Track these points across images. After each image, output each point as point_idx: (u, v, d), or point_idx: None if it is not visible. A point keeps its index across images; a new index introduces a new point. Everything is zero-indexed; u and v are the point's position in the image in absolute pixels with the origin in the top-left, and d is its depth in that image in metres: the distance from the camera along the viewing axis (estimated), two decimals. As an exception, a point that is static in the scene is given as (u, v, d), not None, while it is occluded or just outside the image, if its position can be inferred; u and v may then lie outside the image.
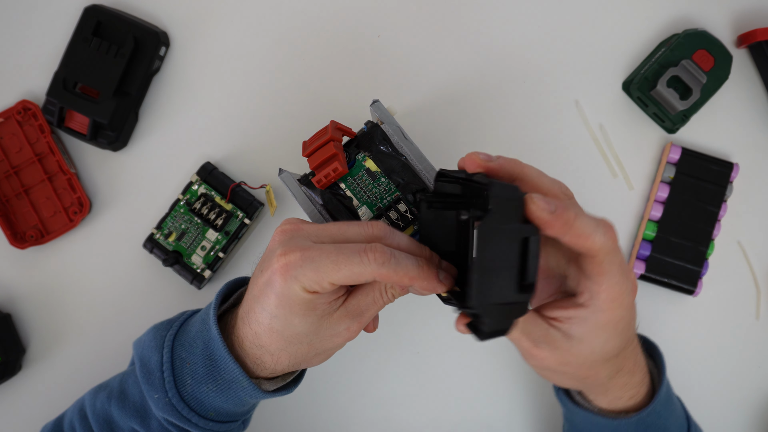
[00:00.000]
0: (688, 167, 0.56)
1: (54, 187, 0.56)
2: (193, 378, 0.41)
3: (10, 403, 0.57)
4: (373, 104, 0.46)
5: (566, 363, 0.38)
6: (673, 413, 0.45)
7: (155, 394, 0.41)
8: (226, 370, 0.40)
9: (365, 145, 0.46)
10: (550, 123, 0.58)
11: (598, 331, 0.37)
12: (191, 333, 0.42)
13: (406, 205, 0.45)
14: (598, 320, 0.36)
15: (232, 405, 0.41)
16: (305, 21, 0.58)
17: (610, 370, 0.40)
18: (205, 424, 0.41)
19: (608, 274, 0.36)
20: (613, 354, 0.38)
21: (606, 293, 0.36)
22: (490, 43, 0.59)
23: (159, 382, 0.41)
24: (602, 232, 0.35)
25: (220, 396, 0.41)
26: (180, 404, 0.41)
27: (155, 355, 0.42)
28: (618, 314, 0.37)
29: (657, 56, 0.56)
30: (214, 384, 0.40)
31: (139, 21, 0.56)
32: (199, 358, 0.41)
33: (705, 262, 0.56)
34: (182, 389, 0.41)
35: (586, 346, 0.37)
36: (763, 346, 0.58)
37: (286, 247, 0.37)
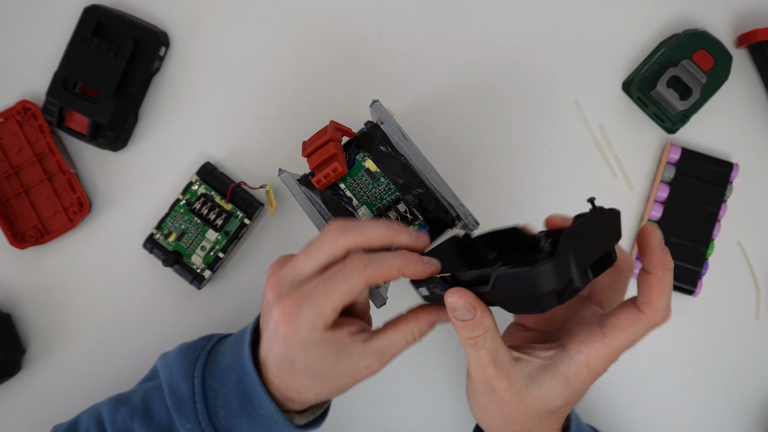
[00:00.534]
0: (688, 167, 0.56)
1: (54, 187, 0.56)
2: (227, 411, 0.41)
3: (10, 403, 0.57)
4: (373, 104, 0.46)
5: (511, 401, 0.38)
6: None
7: (188, 423, 0.41)
8: (262, 407, 0.40)
9: (365, 145, 0.46)
10: (550, 123, 0.58)
11: (559, 378, 0.37)
12: (222, 364, 0.42)
13: (406, 205, 0.45)
14: (566, 368, 0.37)
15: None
16: (305, 21, 0.58)
17: (535, 426, 0.39)
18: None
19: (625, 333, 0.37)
20: (554, 410, 0.38)
21: (602, 346, 0.37)
22: (490, 43, 0.59)
23: (191, 413, 0.41)
24: (668, 305, 0.36)
25: (253, 429, 0.41)
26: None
27: (185, 384, 0.42)
28: (583, 373, 0.37)
29: (657, 56, 0.56)
30: (249, 418, 0.41)
31: (139, 21, 0.56)
32: (233, 391, 0.41)
33: (705, 262, 0.56)
34: (215, 420, 0.41)
35: (539, 392, 0.37)
36: (763, 346, 0.58)
37: (279, 299, 0.38)
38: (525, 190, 0.58)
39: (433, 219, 0.45)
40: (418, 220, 0.45)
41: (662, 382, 0.57)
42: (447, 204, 0.45)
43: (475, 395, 0.40)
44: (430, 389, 0.57)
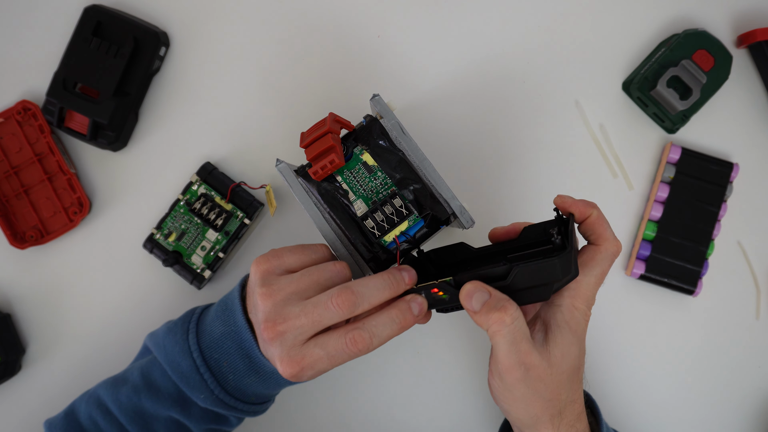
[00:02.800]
0: (688, 167, 0.56)
1: (54, 187, 0.56)
2: (235, 374, 0.45)
3: (10, 403, 0.57)
4: (373, 98, 0.46)
5: (545, 374, 0.40)
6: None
7: (201, 394, 0.45)
8: (265, 366, 0.44)
9: (363, 138, 0.46)
10: (550, 123, 0.58)
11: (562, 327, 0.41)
12: (215, 334, 0.45)
13: (402, 200, 0.45)
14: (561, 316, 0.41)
15: (272, 389, 0.47)
16: (305, 21, 0.58)
17: (568, 393, 0.42)
18: (248, 408, 0.47)
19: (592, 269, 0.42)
20: (576, 366, 0.42)
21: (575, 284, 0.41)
22: (490, 43, 0.59)
23: (201, 384, 0.45)
24: (615, 235, 0.43)
25: (263, 385, 0.46)
26: (227, 398, 0.45)
27: (185, 360, 0.45)
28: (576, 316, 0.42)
29: (657, 56, 0.56)
30: (257, 376, 0.45)
31: (139, 21, 0.56)
32: (235, 357, 0.45)
33: (705, 262, 0.56)
34: (226, 385, 0.45)
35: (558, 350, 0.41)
36: (763, 346, 0.58)
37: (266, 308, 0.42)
38: (525, 190, 0.58)
39: (429, 216, 0.45)
40: (413, 215, 0.45)
41: (662, 382, 0.57)
42: (443, 201, 0.45)
43: (510, 389, 0.41)
44: (430, 389, 0.57)
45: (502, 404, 0.43)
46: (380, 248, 0.45)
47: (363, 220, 0.45)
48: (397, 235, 0.45)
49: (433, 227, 0.46)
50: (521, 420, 0.43)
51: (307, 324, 0.41)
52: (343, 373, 0.57)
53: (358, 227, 0.45)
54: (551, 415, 0.42)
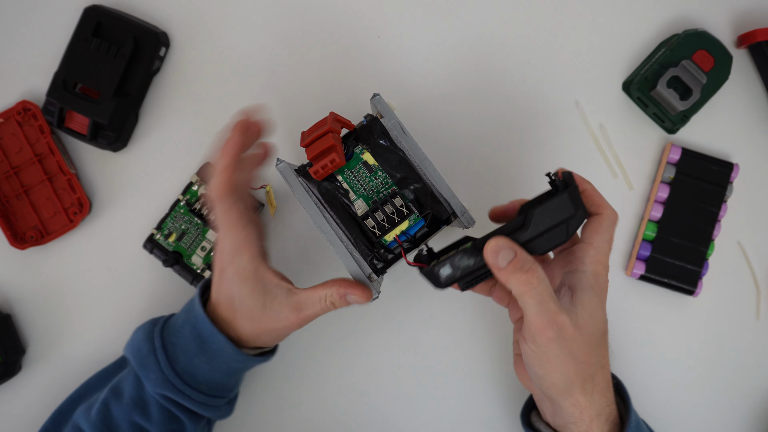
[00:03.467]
0: (688, 167, 0.56)
1: (54, 188, 0.56)
2: (185, 355, 0.47)
3: (10, 403, 0.57)
4: (374, 98, 0.46)
5: (575, 334, 0.41)
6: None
7: (152, 374, 0.46)
8: (214, 341, 0.46)
9: (364, 138, 0.46)
10: (550, 123, 0.58)
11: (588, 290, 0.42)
12: (177, 323, 0.48)
13: (402, 199, 0.45)
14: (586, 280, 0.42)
15: (220, 374, 0.47)
16: (305, 21, 0.58)
17: (599, 358, 0.43)
18: (197, 396, 0.47)
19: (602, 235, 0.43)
20: (602, 331, 0.43)
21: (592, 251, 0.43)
22: (491, 43, 0.59)
23: (154, 364, 0.46)
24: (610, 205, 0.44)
25: (210, 365, 0.47)
26: (175, 378, 0.46)
27: (146, 345, 0.47)
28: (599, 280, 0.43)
29: (657, 56, 0.56)
30: (205, 356, 0.46)
31: (139, 21, 0.56)
32: (188, 338, 0.47)
33: (705, 263, 0.56)
34: (176, 366, 0.47)
35: (586, 312, 0.41)
36: (763, 346, 0.58)
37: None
38: (525, 190, 0.58)
39: (429, 215, 0.45)
40: (414, 215, 0.45)
41: (662, 382, 0.57)
42: (444, 200, 0.45)
43: (544, 351, 0.41)
44: (430, 389, 0.57)
45: (535, 369, 0.43)
46: (382, 247, 0.45)
47: (363, 220, 0.45)
48: (397, 234, 0.45)
49: (434, 227, 0.46)
50: (555, 385, 0.43)
51: None
52: (344, 372, 0.57)
53: (359, 227, 0.45)
54: (583, 379, 0.42)
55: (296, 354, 0.57)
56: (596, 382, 0.43)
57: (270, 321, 0.46)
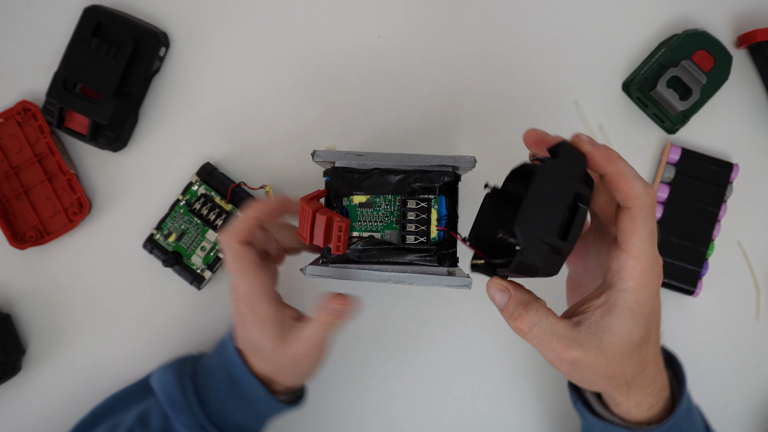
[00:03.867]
0: (688, 168, 0.56)
1: (54, 188, 0.56)
2: (218, 399, 0.47)
3: (10, 403, 0.57)
4: (314, 156, 0.46)
5: (596, 362, 0.38)
6: (693, 426, 0.44)
7: (183, 417, 0.46)
8: (248, 387, 0.46)
9: (339, 190, 0.46)
10: (550, 123, 0.58)
11: (624, 313, 0.37)
12: (209, 364, 0.48)
13: (414, 198, 0.45)
14: (623, 302, 0.37)
15: (251, 419, 0.48)
16: (305, 21, 0.58)
17: (634, 367, 0.39)
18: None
19: (639, 236, 0.36)
20: (637, 345, 0.38)
21: (632, 263, 0.36)
22: (490, 43, 0.58)
23: (186, 408, 0.46)
24: (642, 183, 0.36)
25: (243, 411, 0.47)
26: (208, 425, 0.46)
27: (178, 387, 0.47)
28: (643, 296, 0.37)
29: (657, 56, 0.56)
30: (238, 401, 0.47)
31: (139, 21, 0.56)
32: (221, 382, 0.47)
33: (705, 263, 0.56)
34: (208, 411, 0.46)
35: (614, 337, 0.37)
36: (763, 346, 0.58)
37: None
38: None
39: (441, 186, 0.45)
40: (432, 198, 0.45)
41: (662, 383, 0.57)
42: (438, 167, 0.45)
43: (570, 374, 0.40)
44: (430, 389, 0.57)
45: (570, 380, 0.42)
46: (437, 245, 0.45)
47: (404, 242, 0.45)
48: (436, 225, 0.45)
49: (452, 191, 0.46)
50: (592, 390, 0.43)
51: None
52: (344, 372, 0.57)
53: (407, 250, 0.45)
54: (617, 386, 0.40)
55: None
56: (634, 384, 0.40)
57: (282, 359, 0.46)
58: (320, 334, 0.45)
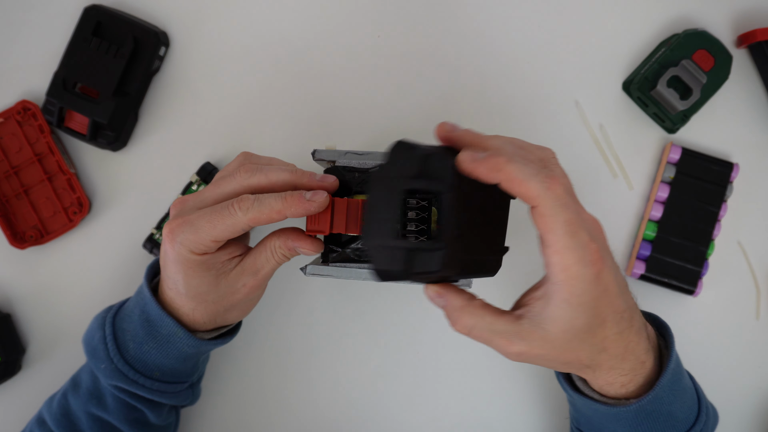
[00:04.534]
0: (689, 167, 0.56)
1: (54, 187, 0.56)
2: (134, 341, 0.45)
3: (10, 403, 0.57)
4: (314, 155, 0.46)
5: (544, 352, 0.38)
6: (680, 398, 0.42)
7: (102, 364, 0.45)
8: (163, 326, 0.44)
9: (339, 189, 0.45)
10: (550, 123, 0.58)
11: (561, 305, 0.37)
12: (129, 307, 0.47)
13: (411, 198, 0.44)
14: (558, 295, 0.36)
15: (173, 360, 0.45)
16: (305, 21, 0.58)
17: (590, 350, 0.38)
18: (151, 384, 0.45)
19: (554, 231, 0.35)
20: (585, 331, 0.37)
21: (556, 257, 0.36)
22: (490, 43, 0.58)
23: (104, 353, 0.45)
24: (540, 180, 0.35)
25: (161, 352, 0.45)
26: (125, 368, 0.44)
27: (98, 333, 0.46)
28: (577, 287, 0.36)
29: (657, 56, 0.56)
30: (154, 341, 0.44)
31: (139, 21, 0.56)
32: (137, 323, 0.45)
33: (705, 262, 0.56)
34: (125, 354, 0.45)
35: (555, 326, 0.37)
36: (763, 346, 0.58)
37: (171, 218, 0.42)
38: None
39: None
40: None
41: (662, 382, 0.57)
42: None
43: (526, 362, 0.40)
44: (430, 389, 0.57)
45: None
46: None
47: None
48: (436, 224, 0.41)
49: None
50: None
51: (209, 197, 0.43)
52: (343, 372, 0.57)
53: None
54: (578, 369, 0.40)
55: (295, 354, 0.57)
56: (596, 366, 0.40)
57: (227, 298, 0.44)
58: (276, 265, 0.43)
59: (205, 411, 0.57)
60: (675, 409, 0.42)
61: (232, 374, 0.57)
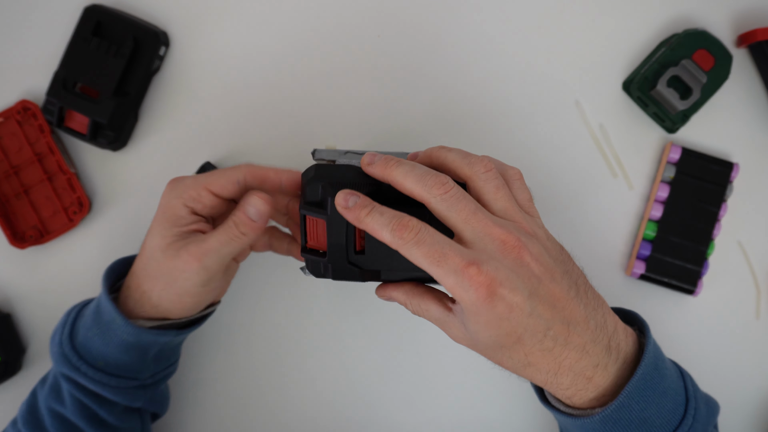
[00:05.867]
0: (689, 167, 0.56)
1: (54, 187, 0.56)
2: (84, 327, 0.45)
3: (10, 403, 0.57)
4: (314, 155, 0.46)
5: (471, 347, 0.40)
6: (656, 402, 0.40)
7: (54, 349, 0.45)
8: (105, 312, 0.44)
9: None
10: (550, 123, 0.58)
11: (469, 318, 0.37)
12: (91, 305, 0.47)
13: None
14: (466, 315, 0.37)
15: (114, 348, 0.44)
16: (306, 20, 0.58)
17: (511, 362, 0.39)
18: (93, 374, 0.44)
19: (428, 268, 0.36)
20: (500, 345, 0.37)
21: (442, 283, 0.37)
22: (490, 43, 0.58)
23: (58, 338, 0.46)
24: (389, 229, 0.37)
25: (102, 339, 0.44)
26: (71, 352, 0.44)
27: (62, 319, 0.47)
28: (470, 309, 0.36)
29: (657, 56, 0.56)
30: (97, 328, 0.44)
31: (139, 21, 0.56)
32: (91, 310, 0.46)
33: (705, 262, 0.56)
34: (74, 339, 0.45)
35: (470, 331, 0.38)
36: (763, 346, 0.58)
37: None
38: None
39: None
40: None
41: (662, 382, 0.57)
42: None
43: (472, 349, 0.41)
44: (430, 389, 0.57)
45: None
46: None
47: None
48: None
49: None
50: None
51: None
52: (343, 372, 0.57)
53: None
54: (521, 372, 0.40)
55: (295, 354, 0.57)
56: (528, 377, 0.40)
57: (168, 266, 0.43)
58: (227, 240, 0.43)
59: (202, 411, 0.57)
60: (650, 415, 0.40)
61: (231, 374, 0.57)
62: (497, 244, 0.37)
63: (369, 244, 0.40)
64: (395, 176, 0.39)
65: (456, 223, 0.37)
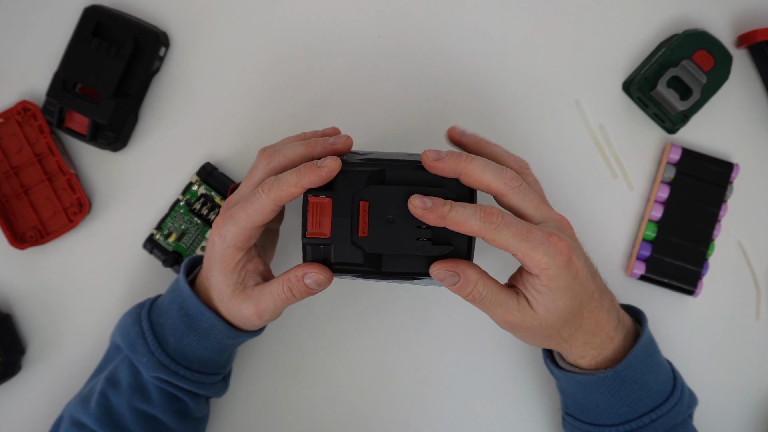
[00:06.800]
0: (689, 167, 0.56)
1: (54, 188, 0.56)
2: (175, 335, 0.47)
3: (10, 404, 0.57)
4: None
5: (533, 326, 0.43)
6: (653, 371, 0.47)
7: (143, 358, 0.47)
8: (203, 320, 0.46)
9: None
10: (550, 123, 0.58)
11: (544, 291, 0.42)
12: (164, 303, 0.49)
13: None
14: (539, 282, 0.42)
15: (211, 351, 0.48)
16: (305, 21, 0.58)
17: (569, 327, 0.44)
18: (191, 375, 0.48)
19: (508, 246, 0.41)
20: (566, 311, 0.43)
21: (526, 260, 0.41)
22: (490, 43, 0.59)
23: (144, 348, 0.47)
24: (478, 217, 0.40)
25: (201, 344, 0.47)
26: (167, 360, 0.47)
27: (134, 328, 0.48)
28: (553, 275, 0.41)
29: (657, 56, 0.56)
30: (195, 335, 0.47)
31: (139, 21, 0.56)
32: (176, 318, 0.47)
33: (705, 263, 0.56)
34: (166, 347, 0.47)
35: (542, 308, 0.42)
36: (763, 346, 0.58)
37: (217, 216, 0.45)
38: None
39: None
40: None
41: (662, 383, 0.57)
42: None
43: (514, 333, 0.46)
44: (430, 389, 0.57)
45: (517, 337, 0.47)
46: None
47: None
48: None
49: None
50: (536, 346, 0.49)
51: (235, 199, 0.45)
52: (344, 372, 0.57)
53: None
54: (557, 344, 0.46)
55: (295, 353, 0.57)
56: (572, 340, 0.45)
57: (235, 310, 0.46)
58: (280, 301, 0.44)
59: (205, 411, 0.57)
60: (649, 380, 0.46)
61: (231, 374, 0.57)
62: (557, 223, 0.44)
63: (373, 228, 0.42)
64: (471, 170, 0.41)
65: (528, 209, 0.43)
